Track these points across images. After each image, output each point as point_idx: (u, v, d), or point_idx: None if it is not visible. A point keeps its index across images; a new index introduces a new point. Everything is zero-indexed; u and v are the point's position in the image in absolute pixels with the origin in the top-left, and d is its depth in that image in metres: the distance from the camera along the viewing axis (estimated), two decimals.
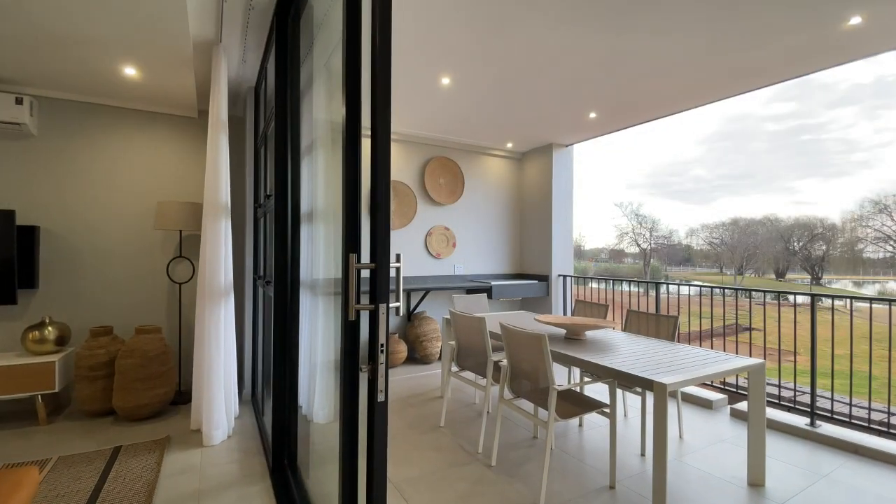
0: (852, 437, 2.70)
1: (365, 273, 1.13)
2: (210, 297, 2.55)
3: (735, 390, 3.41)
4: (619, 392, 3.19)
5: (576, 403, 2.27)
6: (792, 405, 3.06)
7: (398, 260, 1.15)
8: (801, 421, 2.93)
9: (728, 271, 33.96)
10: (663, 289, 4.02)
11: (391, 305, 1.11)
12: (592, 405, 2.25)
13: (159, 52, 2.63)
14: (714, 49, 2.70)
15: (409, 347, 4.50)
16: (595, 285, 5.04)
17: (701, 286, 3.76)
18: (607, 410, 2.23)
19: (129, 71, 2.90)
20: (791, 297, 3.54)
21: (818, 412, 2.90)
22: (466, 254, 5.10)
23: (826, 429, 2.83)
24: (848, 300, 3.06)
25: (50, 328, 2.97)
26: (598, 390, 3.56)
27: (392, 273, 1.13)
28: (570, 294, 5.05)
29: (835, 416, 2.89)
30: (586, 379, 2.86)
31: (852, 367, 2.86)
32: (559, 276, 5.06)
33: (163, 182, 3.57)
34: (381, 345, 1.08)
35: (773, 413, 3.04)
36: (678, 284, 4.12)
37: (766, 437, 2.23)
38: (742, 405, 3.19)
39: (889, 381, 2.70)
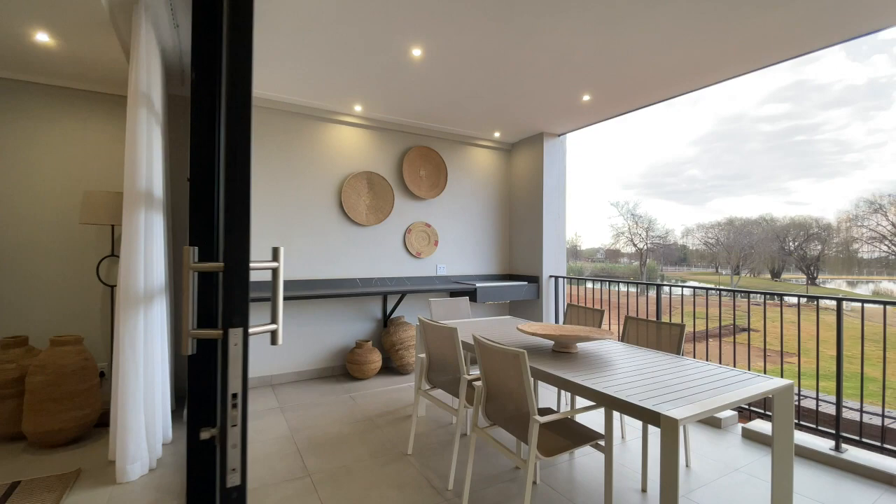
0: (886, 465, 2.31)
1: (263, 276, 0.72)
2: (125, 303, 2.12)
3: (747, 406, 3.01)
4: (615, 412, 2.79)
5: (564, 434, 1.86)
6: (813, 427, 2.66)
7: (276, 257, 0.73)
8: (824, 444, 2.55)
9: (724, 271, 33.77)
10: (664, 291, 3.63)
11: (256, 330, 0.70)
12: (584, 437, 1.84)
13: (69, 9, 2.19)
14: (726, 13, 2.30)
15: (385, 356, 4.08)
16: (590, 285, 4.63)
17: (708, 288, 3.37)
18: (602, 443, 1.82)
19: (42, 37, 2.46)
20: (789, 297, 3.19)
21: (843, 434, 2.51)
22: (450, 253, 4.68)
23: (854, 454, 2.45)
24: (883, 305, 2.67)
25: None
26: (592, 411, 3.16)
27: (264, 276, 0.71)
28: (562, 296, 4.64)
29: (863, 440, 2.50)
30: (579, 404, 2.45)
31: (885, 379, 2.48)
32: (550, 276, 4.65)
33: (93, 170, 3.12)
34: (234, 395, 0.67)
35: None
36: (681, 286, 3.73)
37: (794, 473, 1.83)
38: (755, 424, 2.80)
39: None
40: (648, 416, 1.46)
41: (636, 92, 3.42)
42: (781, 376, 3.14)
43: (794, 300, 3.10)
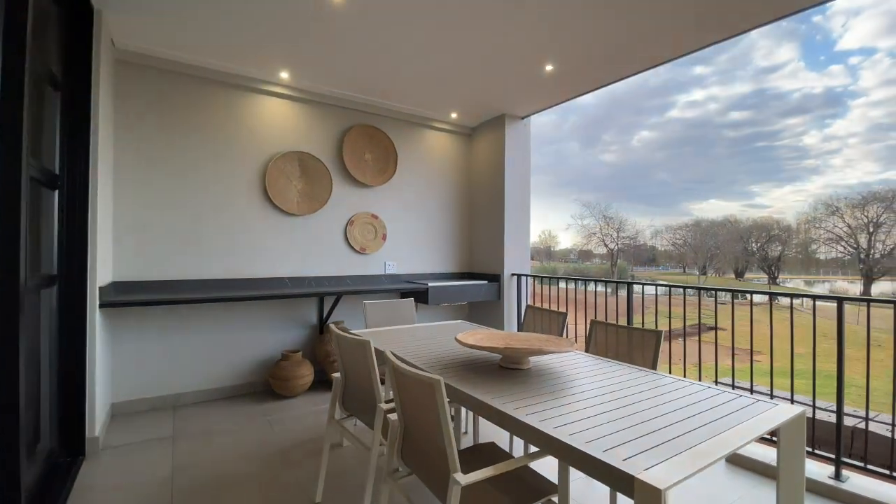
0: (893, 497, 1.92)
1: None
2: None
3: None
4: None
5: (504, 487, 1.36)
6: (809, 450, 2.26)
7: None
8: (821, 471, 2.15)
9: (691, 271, 34.56)
10: (636, 289, 3.21)
11: None
12: (531, 492, 1.34)
13: None
14: None
15: (318, 369, 3.49)
16: (563, 285, 4.17)
17: (686, 287, 2.96)
18: (555, 499, 1.33)
19: None
20: (758, 296, 2.86)
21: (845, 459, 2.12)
22: (400, 248, 4.14)
23: (856, 483, 2.06)
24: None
25: None
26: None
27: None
28: (525, 296, 4.18)
29: (868, 467, 2.11)
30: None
31: (895, 390, 2.09)
32: (512, 275, 4.18)
33: None
34: None
35: (772, 456, 2.23)
36: (655, 286, 3.33)
37: None
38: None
39: None
40: (618, 482, 0.97)
41: (602, 62, 2.98)
42: (771, 380, 2.75)
43: (780, 300, 2.73)
